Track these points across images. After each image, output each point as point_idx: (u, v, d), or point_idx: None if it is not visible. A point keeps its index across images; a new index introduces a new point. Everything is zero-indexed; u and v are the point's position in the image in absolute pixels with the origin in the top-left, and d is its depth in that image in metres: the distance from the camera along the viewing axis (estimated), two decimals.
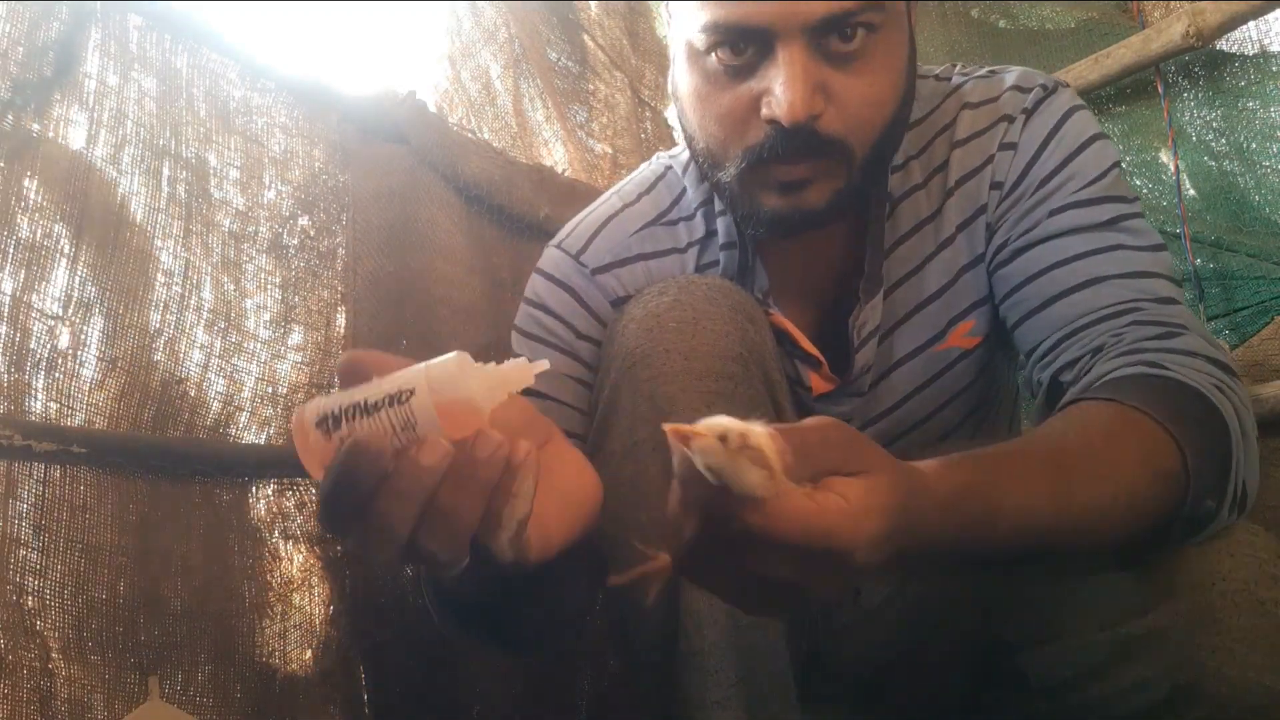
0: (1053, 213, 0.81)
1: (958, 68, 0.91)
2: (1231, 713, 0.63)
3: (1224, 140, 1.39)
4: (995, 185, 0.84)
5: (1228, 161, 1.38)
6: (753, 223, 0.79)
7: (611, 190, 0.95)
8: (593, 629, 1.31)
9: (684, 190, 0.91)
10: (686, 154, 0.93)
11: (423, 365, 0.49)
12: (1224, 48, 1.39)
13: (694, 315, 0.74)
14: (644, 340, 0.74)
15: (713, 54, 0.75)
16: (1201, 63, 1.40)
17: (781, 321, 0.85)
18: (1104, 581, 0.71)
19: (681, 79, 0.80)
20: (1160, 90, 1.41)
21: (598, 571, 0.71)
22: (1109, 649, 0.68)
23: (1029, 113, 0.84)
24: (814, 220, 0.78)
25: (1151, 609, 0.67)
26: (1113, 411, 0.65)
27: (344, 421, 0.46)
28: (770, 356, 0.79)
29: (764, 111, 0.73)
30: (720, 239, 0.88)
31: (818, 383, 0.87)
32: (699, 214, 0.89)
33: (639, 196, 0.92)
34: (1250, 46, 1.38)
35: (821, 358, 0.86)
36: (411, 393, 0.47)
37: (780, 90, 0.71)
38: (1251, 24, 1.34)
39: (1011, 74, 0.87)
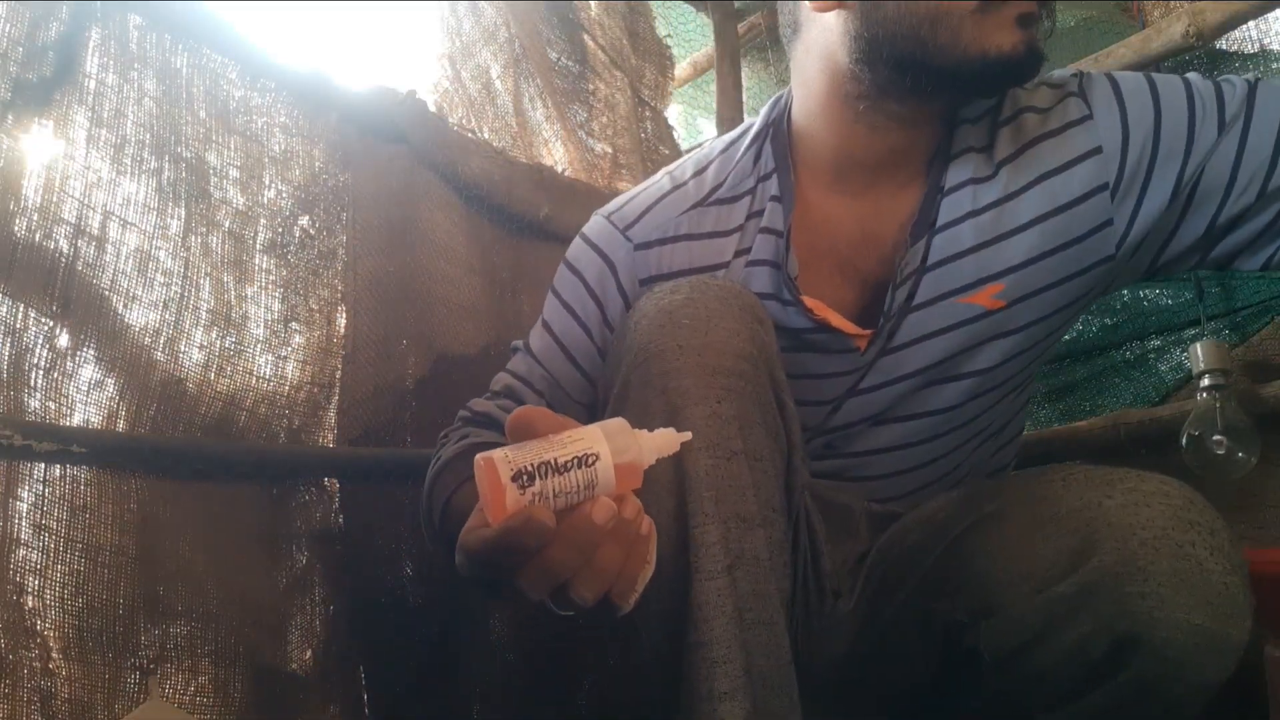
0: (1220, 127, 0.82)
1: None
2: (1173, 654, 0.65)
3: None
4: (1092, 152, 0.84)
5: None
6: (984, 68, 0.80)
7: (665, 170, 0.97)
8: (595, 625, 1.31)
9: (732, 171, 0.93)
10: (760, 122, 0.95)
11: (596, 427, 0.56)
12: (1224, 47, 1.39)
13: (707, 313, 0.75)
14: (657, 336, 0.75)
15: None
16: (1201, 62, 1.39)
17: (813, 305, 0.87)
18: (1030, 548, 0.72)
19: None
20: None
21: None
22: (1046, 612, 0.70)
23: (1090, 87, 0.87)
24: (1036, 62, 0.80)
25: (1080, 566, 0.69)
26: None
27: (537, 479, 0.54)
28: (775, 357, 0.80)
29: None
30: (762, 222, 0.90)
31: (859, 339, 0.89)
32: (745, 198, 0.91)
33: (689, 178, 0.94)
34: (1250, 46, 1.38)
35: (852, 327, 0.88)
36: (597, 457, 0.54)
37: None
38: (1251, 24, 1.34)
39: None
